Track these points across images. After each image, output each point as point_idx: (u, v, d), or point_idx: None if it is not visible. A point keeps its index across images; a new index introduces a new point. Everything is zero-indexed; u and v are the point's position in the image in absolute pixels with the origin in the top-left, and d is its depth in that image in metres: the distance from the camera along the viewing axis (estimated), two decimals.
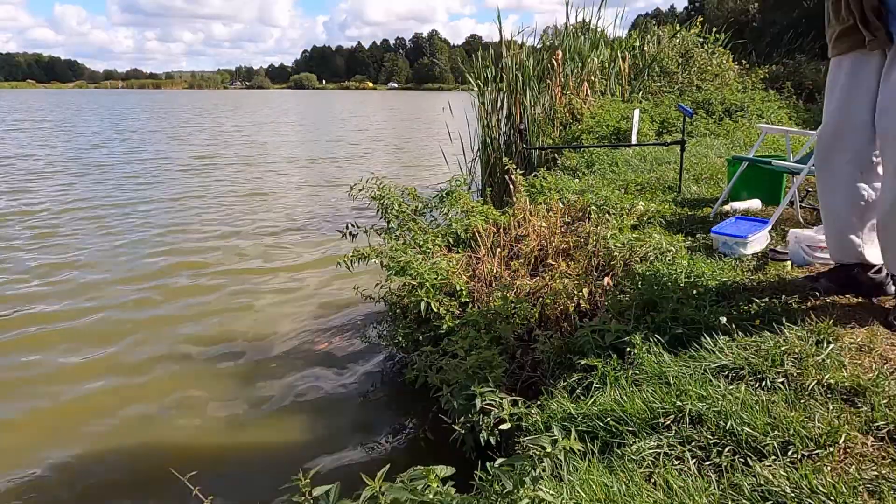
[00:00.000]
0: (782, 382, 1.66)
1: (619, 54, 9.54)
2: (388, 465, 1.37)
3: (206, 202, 8.80)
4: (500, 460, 1.52)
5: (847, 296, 2.24)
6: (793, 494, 1.26)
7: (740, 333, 1.97)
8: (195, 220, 7.62)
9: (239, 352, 3.95)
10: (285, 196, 9.46)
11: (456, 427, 2.14)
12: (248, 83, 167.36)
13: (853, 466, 1.33)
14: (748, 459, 1.40)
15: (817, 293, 2.23)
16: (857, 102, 1.99)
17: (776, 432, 1.45)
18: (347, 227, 3.84)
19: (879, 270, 2.16)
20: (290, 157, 14.51)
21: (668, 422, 1.59)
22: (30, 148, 15.08)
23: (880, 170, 2.01)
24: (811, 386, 1.62)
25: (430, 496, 1.33)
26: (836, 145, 2.07)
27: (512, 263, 3.25)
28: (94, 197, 9.01)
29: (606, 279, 2.73)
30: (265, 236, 6.91)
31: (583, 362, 2.10)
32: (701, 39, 10.32)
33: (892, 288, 2.16)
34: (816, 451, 1.38)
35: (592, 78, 8.78)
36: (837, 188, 2.12)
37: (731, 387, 1.68)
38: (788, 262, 2.61)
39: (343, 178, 10.91)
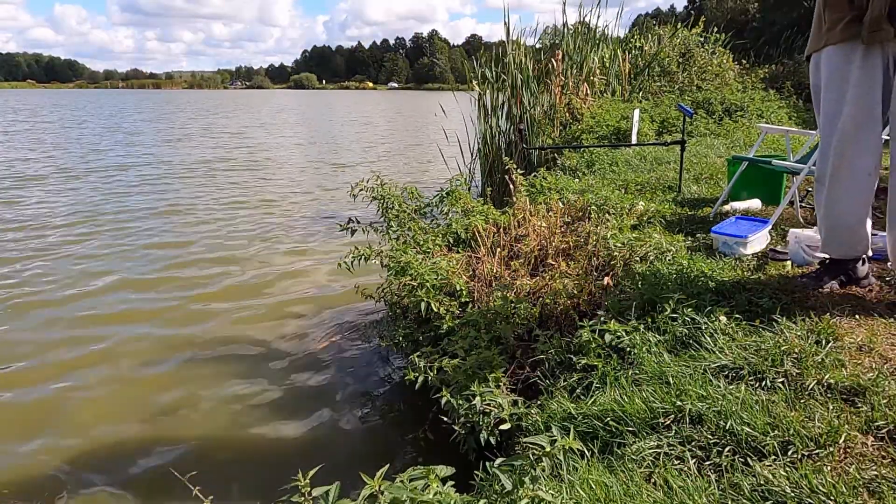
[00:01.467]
0: (782, 382, 1.66)
1: (619, 54, 9.54)
2: (387, 465, 1.37)
3: (208, 202, 8.80)
4: (499, 460, 1.52)
5: (848, 291, 2.25)
6: (793, 494, 1.26)
7: (740, 333, 1.97)
8: (196, 220, 7.62)
9: (238, 352, 3.95)
10: (286, 196, 9.46)
11: (456, 427, 2.14)
12: (248, 83, 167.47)
13: (853, 466, 1.32)
14: (748, 459, 1.40)
15: (823, 290, 2.25)
16: (872, 97, 2.00)
17: (776, 432, 1.45)
18: (349, 222, 3.83)
19: (864, 262, 2.28)
20: (292, 157, 14.51)
21: (668, 422, 1.59)
22: (29, 152, 15.03)
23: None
24: (811, 386, 1.62)
25: (430, 496, 1.33)
26: (857, 137, 2.05)
27: (512, 263, 3.25)
28: (98, 200, 9.02)
29: (606, 279, 2.73)
30: (265, 237, 6.91)
31: (583, 362, 2.10)
32: (701, 39, 10.32)
33: (873, 278, 2.30)
34: (816, 451, 1.38)
35: (592, 77, 8.78)
36: (854, 181, 2.11)
37: (731, 387, 1.68)
38: (788, 262, 2.61)
39: (345, 179, 10.91)
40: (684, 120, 4.78)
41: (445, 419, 2.25)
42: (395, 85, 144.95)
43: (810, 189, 4.09)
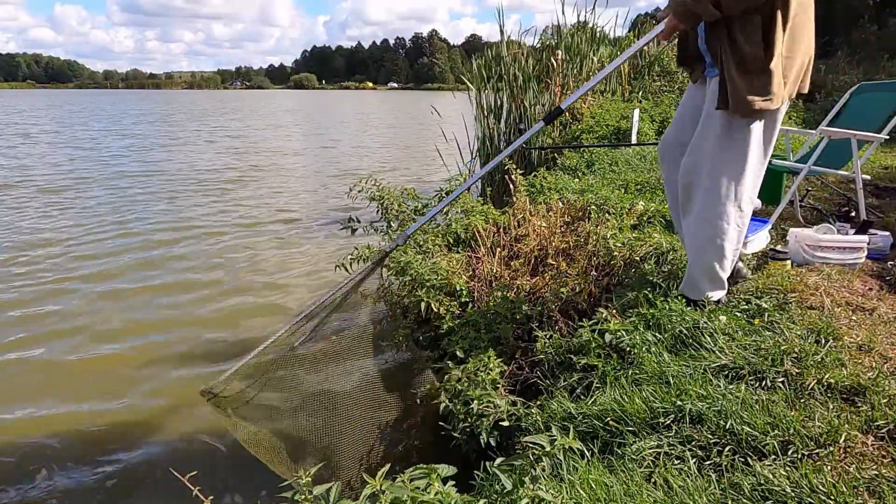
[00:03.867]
0: (782, 382, 1.66)
1: (618, 54, 9.53)
2: (388, 465, 1.37)
3: (209, 201, 8.81)
4: (499, 460, 1.52)
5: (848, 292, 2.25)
6: (793, 494, 1.26)
7: (740, 333, 1.97)
8: (197, 216, 7.62)
9: (238, 351, 3.94)
10: (288, 199, 9.46)
11: (455, 434, 2.14)
12: (247, 83, 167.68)
13: (853, 466, 1.33)
14: (748, 459, 1.40)
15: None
16: (684, 123, 2.26)
17: (776, 432, 1.45)
18: (350, 221, 3.84)
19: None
20: (296, 163, 14.53)
21: (669, 421, 1.59)
22: (29, 159, 14.93)
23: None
24: (811, 385, 1.62)
25: (431, 495, 1.33)
26: (663, 153, 2.36)
27: (512, 263, 3.25)
28: (103, 205, 9.02)
29: (607, 280, 2.73)
30: (265, 236, 6.91)
31: (583, 362, 2.10)
32: None
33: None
34: (816, 451, 1.38)
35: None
36: (668, 187, 2.38)
37: (731, 386, 1.68)
38: (788, 262, 2.61)
39: (348, 182, 10.92)
40: None
41: (445, 425, 2.24)
42: (395, 85, 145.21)
43: (810, 188, 4.09)
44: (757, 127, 2.01)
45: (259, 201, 8.71)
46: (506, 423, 2.00)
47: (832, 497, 1.23)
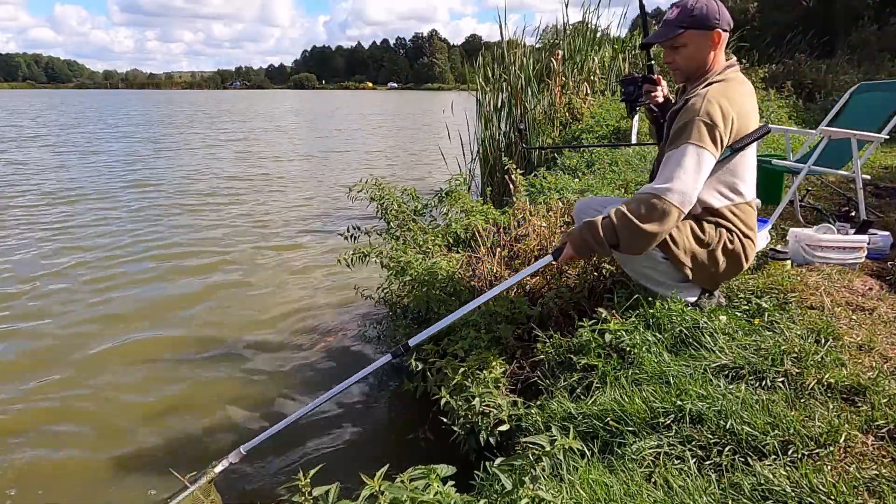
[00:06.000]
0: (782, 382, 1.66)
1: (619, 54, 9.54)
2: (387, 465, 1.37)
3: (210, 202, 8.80)
4: (499, 460, 1.52)
5: (842, 296, 2.25)
6: (793, 494, 1.26)
7: (740, 333, 1.97)
8: (197, 214, 7.62)
9: (238, 352, 3.95)
10: (288, 196, 9.46)
11: (455, 428, 2.14)
12: (247, 83, 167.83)
13: (853, 466, 1.32)
14: (748, 459, 1.40)
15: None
16: None
17: (776, 431, 1.45)
18: (349, 230, 3.85)
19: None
20: (297, 159, 14.52)
21: (669, 421, 1.59)
22: (24, 168, 14.90)
23: None
24: (811, 385, 1.62)
25: (431, 496, 1.33)
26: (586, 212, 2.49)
27: (512, 263, 3.24)
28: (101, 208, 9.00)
29: (607, 279, 2.73)
30: (265, 236, 6.91)
31: (583, 362, 2.10)
32: None
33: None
34: (817, 451, 1.38)
35: (592, 77, 8.78)
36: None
37: (731, 386, 1.68)
38: (788, 262, 2.61)
39: (348, 179, 10.90)
40: None
41: (445, 420, 2.24)
42: (395, 85, 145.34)
43: (810, 189, 4.10)
44: None
45: (263, 212, 8.65)
46: (506, 427, 2.00)
47: (832, 497, 1.23)
